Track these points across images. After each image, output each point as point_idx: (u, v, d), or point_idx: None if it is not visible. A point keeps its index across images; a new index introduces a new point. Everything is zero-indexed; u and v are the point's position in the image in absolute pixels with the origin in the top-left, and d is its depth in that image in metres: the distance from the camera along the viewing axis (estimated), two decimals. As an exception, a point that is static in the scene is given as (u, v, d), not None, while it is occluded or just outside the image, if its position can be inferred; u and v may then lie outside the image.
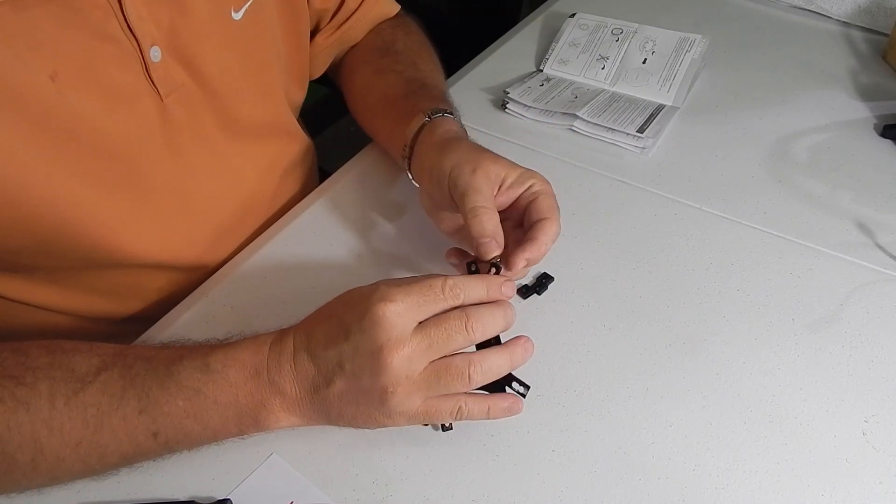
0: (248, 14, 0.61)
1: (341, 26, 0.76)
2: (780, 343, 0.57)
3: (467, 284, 0.47)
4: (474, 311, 0.46)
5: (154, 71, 0.54)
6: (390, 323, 0.44)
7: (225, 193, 0.65)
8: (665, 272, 0.63)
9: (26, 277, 0.57)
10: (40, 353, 0.46)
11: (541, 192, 0.56)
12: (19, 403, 0.44)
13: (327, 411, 0.48)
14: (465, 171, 0.55)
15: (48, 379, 0.45)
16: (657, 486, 0.49)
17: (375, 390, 0.45)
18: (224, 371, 0.47)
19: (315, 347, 0.47)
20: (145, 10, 0.53)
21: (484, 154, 0.57)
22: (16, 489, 0.47)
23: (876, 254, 0.64)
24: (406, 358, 0.45)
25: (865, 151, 0.75)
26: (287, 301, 0.61)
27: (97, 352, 0.47)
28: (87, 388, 0.45)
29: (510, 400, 0.49)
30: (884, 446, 0.51)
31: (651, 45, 0.87)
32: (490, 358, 0.47)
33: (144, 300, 0.65)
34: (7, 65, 0.46)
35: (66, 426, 0.44)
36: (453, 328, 0.46)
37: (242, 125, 0.64)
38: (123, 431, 0.45)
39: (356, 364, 0.46)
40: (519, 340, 0.48)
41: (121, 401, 0.45)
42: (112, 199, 0.55)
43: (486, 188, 0.54)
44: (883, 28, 0.91)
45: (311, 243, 0.67)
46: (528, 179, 0.56)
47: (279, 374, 0.47)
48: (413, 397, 0.46)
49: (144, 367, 0.47)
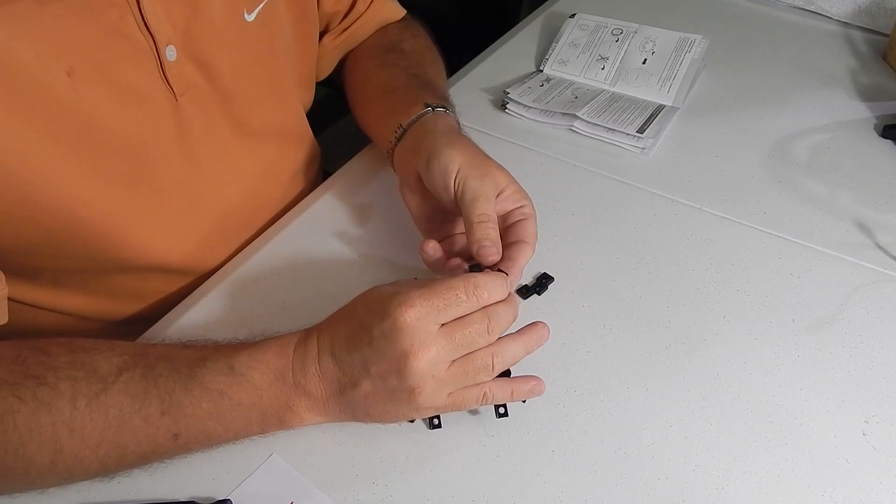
0: (260, 16, 0.61)
1: (349, 28, 0.76)
2: (780, 343, 0.57)
3: (490, 285, 0.47)
4: (495, 313, 0.47)
5: (169, 70, 0.55)
6: (412, 328, 0.45)
7: (234, 194, 0.65)
8: (665, 272, 0.63)
9: (31, 280, 0.57)
10: (61, 352, 0.46)
11: (529, 215, 0.57)
12: (41, 404, 0.43)
13: (353, 410, 0.49)
14: (474, 176, 0.56)
15: (70, 379, 0.44)
16: (657, 486, 0.49)
17: (403, 390, 0.46)
18: (249, 373, 0.47)
19: (339, 350, 0.48)
20: (161, 9, 0.53)
21: (489, 160, 0.58)
22: (29, 488, 0.47)
23: (876, 254, 0.64)
24: (431, 360, 0.45)
25: (865, 152, 0.75)
26: (287, 301, 0.61)
27: (118, 351, 0.47)
28: (109, 388, 0.45)
29: (532, 382, 0.50)
30: (884, 446, 0.51)
31: (651, 45, 0.87)
32: (510, 347, 0.48)
33: (147, 301, 0.65)
34: (25, 60, 0.46)
35: (88, 427, 0.44)
36: (477, 332, 0.46)
37: (253, 126, 0.64)
38: (144, 433, 0.45)
39: (381, 367, 0.46)
40: (535, 327, 0.50)
41: (143, 402, 0.45)
42: (124, 197, 0.55)
43: (493, 198, 0.56)
44: (883, 28, 0.91)
45: (312, 243, 0.67)
46: (522, 199, 0.58)
47: (304, 377, 0.48)
48: (439, 393, 0.47)
49: (167, 368, 0.47)
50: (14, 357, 0.45)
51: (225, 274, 0.64)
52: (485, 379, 0.48)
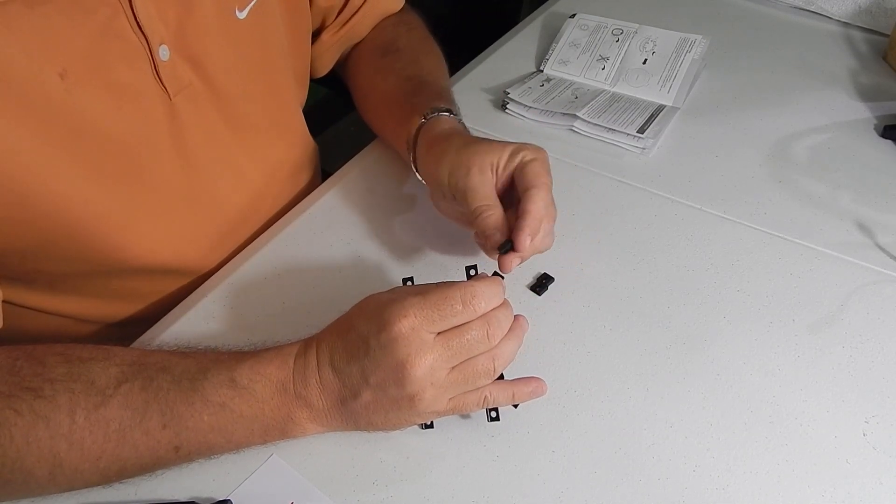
0: (252, 14, 0.61)
1: (347, 23, 0.76)
2: (781, 343, 0.57)
3: (486, 294, 0.47)
4: (495, 319, 0.47)
5: (162, 69, 0.54)
6: (407, 338, 0.45)
7: (230, 194, 0.65)
8: (665, 273, 0.63)
9: (28, 284, 0.57)
10: (57, 363, 0.45)
11: (529, 160, 0.56)
12: (38, 417, 0.43)
13: (356, 420, 0.49)
14: (461, 175, 0.56)
15: (67, 392, 0.44)
16: (657, 486, 0.49)
17: (403, 398, 0.46)
18: (251, 386, 0.47)
19: (338, 361, 0.48)
20: (154, 9, 0.52)
21: (473, 148, 0.58)
22: (29, 497, 0.47)
23: (876, 254, 0.64)
24: (429, 368, 0.45)
25: (866, 152, 0.75)
26: (287, 302, 0.61)
27: (115, 360, 0.47)
28: (108, 401, 0.44)
29: (533, 384, 0.50)
30: (884, 447, 0.51)
31: (651, 45, 0.87)
32: (507, 348, 0.48)
33: (146, 303, 0.64)
34: (17, 63, 0.46)
35: (87, 441, 0.44)
36: (475, 339, 0.46)
37: (249, 125, 0.64)
38: (145, 445, 0.45)
39: (380, 377, 0.46)
40: (518, 320, 0.50)
41: (143, 415, 0.45)
42: (119, 199, 0.55)
43: (482, 186, 0.55)
44: (883, 28, 0.91)
45: (311, 244, 0.67)
46: (518, 153, 0.57)
47: (305, 389, 0.48)
48: (440, 399, 0.47)
49: (167, 381, 0.46)
50: (9, 367, 0.44)
51: (224, 275, 0.64)
52: (485, 383, 0.48)
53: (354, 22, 0.76)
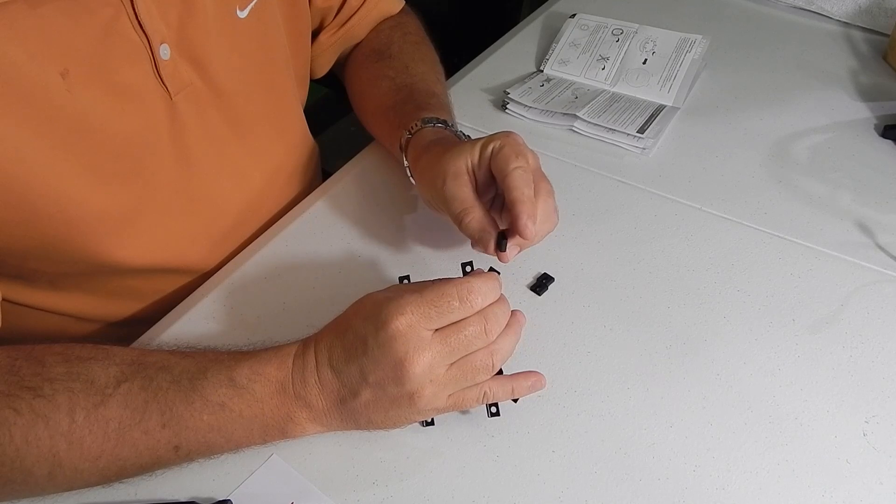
0: (252, 13, 0.61)
1: (345, 24, 0.76)
2: (781, 343, 0.57)
3: (482, 290, 0.47)
4: (493, 314, 0.47)
5: (163, 69, 0.54)
6: (404, 336, 0.45)
7: (231, 194, 0.65)
8: (665, 272, 0.63)
9: (29, 282, 0.57)
10: (56, 362, 0.45)
11: (498, 149, 0.54)
12: (38, 417, 0.43)
13: (356, 419, 0.49)
14: (438, 185, 0.56)
15: (67, 391, 0.44)
16: (657, 486, 0.49)
17: (403, 396, 0.46)
18: (250, 386, 0.47)
19: (336, 361, 0.48)
20: (155, 8, 0.52)
21: (447, 156, 0.57)
22: (29, 496, 0.47)
23: (876, 254, 0.64)
24: (427, 365, 0.45)
25: (866, 152, 0.75)
26: (287, 302, 0.61)
27: (115, 360, 0.47)
28: (107, 401, 0.45)
29: (532, 378, 0.50)
30: (884, 447, 0.51)
31: (651, 45, 0.87)
32: (505, 343, 0.48)
33: (146, 302, 0.64)
34: (19, 62, 0.46)
35: (87, 440, 0.44)
36: (473, 335, 0.46)
37: (250, 124, 0.64)
38: (144, 445, 0.45)
39: (378, 375, 0.46)
40: (515, 315, 0.50)
41: (143, 415, 0.45)
42: (119, 198, 0.55)
43: (458, 191, 0.55)
44: (883, 28, 0.91)
45: (312, 244, 0.67)
46: (487, 146, 0.55)
47: (304, 389, 0.48)
48: (439, 395, 0.47)
49: (167, 380, 0.46)
50: (8, 366, 0.45)
51: (225, 274, 0.64)
52: (484, 378, 0.48)
53: (352, 23, 0.76)
